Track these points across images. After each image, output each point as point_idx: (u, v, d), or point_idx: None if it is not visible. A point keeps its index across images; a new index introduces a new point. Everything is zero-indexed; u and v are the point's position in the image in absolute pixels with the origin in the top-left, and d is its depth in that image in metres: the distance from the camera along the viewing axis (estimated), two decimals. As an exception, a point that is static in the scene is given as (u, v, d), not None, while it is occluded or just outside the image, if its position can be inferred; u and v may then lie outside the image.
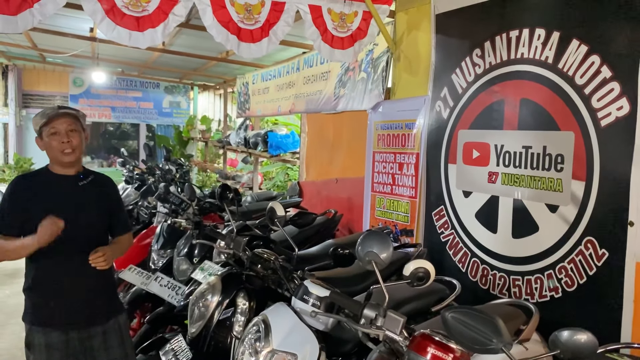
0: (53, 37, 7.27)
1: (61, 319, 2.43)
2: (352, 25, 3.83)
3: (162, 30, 3.37)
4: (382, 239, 1.80)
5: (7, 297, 5.69)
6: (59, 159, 2.46)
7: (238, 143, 8.69)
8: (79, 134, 2.50)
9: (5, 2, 3.02)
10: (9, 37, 7.87)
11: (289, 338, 2.03)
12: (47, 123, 2.44)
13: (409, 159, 3.78)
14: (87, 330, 2.47)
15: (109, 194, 2.65)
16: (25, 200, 2.43)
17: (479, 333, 1.38)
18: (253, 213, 5.12)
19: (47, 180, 2.50)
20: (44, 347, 2.41)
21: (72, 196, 2.49)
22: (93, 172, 2.66)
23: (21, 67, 12.15)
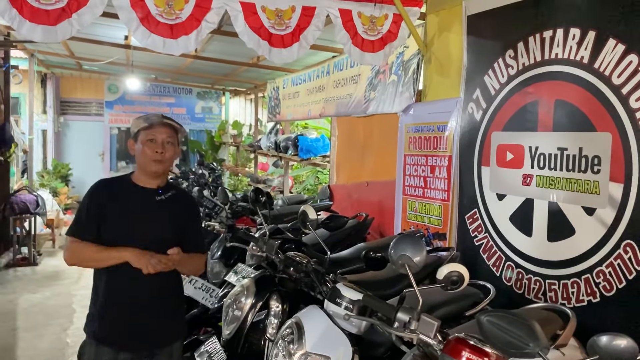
0: (89, 45, 7.48)
1: (113, 339, 2.37)
2: (383, 28, 3.83)
3: (195, 37, 3.43)
4: (416, 242, 1.79)
5: (47, 299, 5.86)
6: (147, 167, 2.40)
7: (269, 147, 8.76)
8: (174, 148, 2.43)
9: (45, 13, 3.12)
10: (48, 46, 8.13)
11: (322, 341, 2.04)
12: (147, 128, 2.39)
13: (441, 161, 3.76)
14: (139, 353, 2.40)
15: (185, 212, 2.52)
16: (102, 205, 2.38)
17: (516, 337, 1.37)
18: (284, 216, 5.15)
19: (127, 190, 2.44)
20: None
21: (147, 211, 2.41)
22: (175, 188, 2.58)
23: (59, 75, 12.52)
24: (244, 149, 11.64)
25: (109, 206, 2.38)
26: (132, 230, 2.36)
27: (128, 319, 2.37)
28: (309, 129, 9.27)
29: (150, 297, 2.37)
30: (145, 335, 2.39)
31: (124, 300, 2.37)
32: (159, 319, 2.41)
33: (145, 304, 2.37)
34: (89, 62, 9.80)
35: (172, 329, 2.49)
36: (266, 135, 9.29)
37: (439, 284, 1.88)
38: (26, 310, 5.48)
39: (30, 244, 7.36)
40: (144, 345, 2.40)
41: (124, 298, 2.37)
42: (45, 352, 4.44)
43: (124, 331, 2.36)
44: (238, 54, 7.42)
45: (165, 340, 2.45)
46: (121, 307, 2.37)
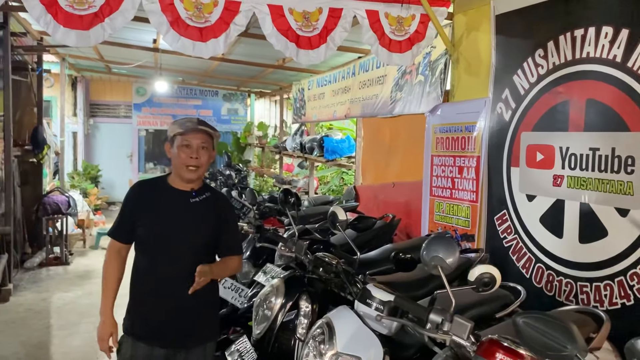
0: (119, 49, 7.62)
1: (151, 334, 2.43)
2: (410, 28, 3.82)
3: (224, 40, 3.47)
4: (448, 243, 1.79)
5: (79, 298, 5.99)
6: (182, 173, 2.43)
7: (294, 148, 8.80)
8: (208, 153, 2.46)
9: (79, 18, 3.20)
10: (79, 50, 8.32)
11: (352, 341, 2.05)
12: (183, 133, 2.41)
13: (470, 162, 3.73)
14: (173, 350, 2.45)
15: (221, 213, 2.53)
16: (138, 207, 2.46)
17: (552, 339, 1.36)
18: (310, 217, 5.18)
19: (162, 192, 2.48)
20: (128, 356, 2.44)
21: (181, 213, 2.44)
22: (210, 190, 2.60)
23: (89, 79, 12.78)
24: (269, 150, 11.71)
25: (145, 208, 2.45)
26: (166, 232, 2.42)
27: (162, 317, 2.42)
28: (334, 130, 9.28)
29: (185, 296, 2.39)
30: (179, 333, 2.43)
31: (158, 298, 2.42)
32: (193, 318, 2.45)
33: (180, 303, 2.41)
34: (118, 65, 9.98)
35: (205, 329, 2.52)
36: (291, 136, 9.34)
37: (470, 286, 1.87)
38: (59, 308, 5.61)
39: (62, 244, 7.53)
40: (177, 342, 2.44)
41: (159, 296, 2.42)
42: (78, 350, 4.53)
43: (158, 328, 2.42)
44: (264, 56, 7.47)
45: (198, 339, 2.49)
46: (156, 305, 2.42)
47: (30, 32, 7.10)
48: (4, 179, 6.08)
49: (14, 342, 4.66)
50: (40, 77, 7.95)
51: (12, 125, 6.20)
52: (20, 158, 7.02)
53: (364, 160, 6.54)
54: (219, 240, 2.49)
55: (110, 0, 3.21)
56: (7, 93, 6.01)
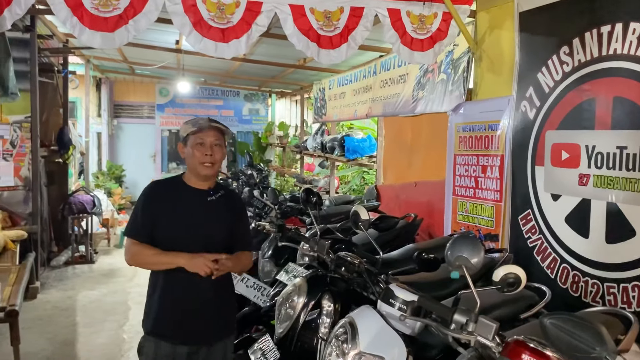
0: (142, 50, 7.73)
1: (173, 333, 2.45)
2: (432, 26, 3.79)
3: (246, 41, 3.49)
4: (473, 243, 1.77)
5: (104, 296, 6.08)
6: (197, 170, 2.47)
7: (315, 148, 8.81)
8: (222, 150, 2.51)
9: (104, 21, 3.25)
10: (103, 51, 8.44)
11: (376, 341, 2.05)
12: (196, 132, 2.47)
13: (493, 161, 3.69)
14: (195, 347, 2.48)
15: (234, 210, 2.59)
16: (155, 206, 2.48)
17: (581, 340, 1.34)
18: (331, 217, 5.18)
19: (179, 191, 2.52)
20: (151, 356, 2.46)
21: (199, 211, 2.48)
22: (223, 188, 2.65)
23: (113, 80, 12.97)
24: (290, 150, 11.74)
25: (162, 206, 2.48)
26: (184, 230, 2.45)
27: (183, 315, 2.44)
28: (355, 129, 9.27)
29: (204, 294, 2.44)
30: (200, 329, 2.47)
31: (178, 297, 2.44)
32: (213, 314, 2.49)
33: (199, 301, 2.45)
34: (141, 66, 10.10)
35: (224, 324, 2.57)
36: (312, 136, 9.35)
37: (494, 286, 1.85)
38: (85, 306, 5.70)
39: (87, 243, 7.65)
40: (199, 339, 2.47)
41: (178, 295, 2.45)
42: (103, 347, 4.60)
43: (179, 327, 2.45)
44: (285, 56, 7.50)
45: (219, 334, 2.53)
46: (176, 304, 2.44)
47: (56, 35, 7.22)
48: (31, 179, 6.20)
49: (41, 338, 4.75)
50: (66, 78, 8.09)
51: (39, 126, 6.32)
52: (47, 158, 7.15)
53: (385, 159, 6.52)
54: (233, 237, 2.55)
55: (134, 2, 3.25)
56: (34, 95, 6.12)
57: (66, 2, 3.16)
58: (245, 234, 2.65)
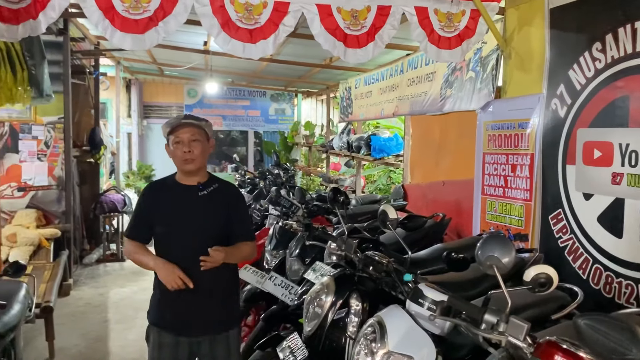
0: (171, 51, 7.84)
1: (172, 323, 2.57)
2: (460, 24, 3.75)
3: (273, 41, 3.51)
4: (504, 243, 1.75)
5: (135, 293, 6.20)
6: (181, 168, 2.59)
7: (341, 147, 8.81)
8: (201, 144, 2.57)
9: (134, 23, 3.31)
10: (133, 53, 8.59)
11: (404, 340, 2.04)
12: (171, 132, 2.58)
13: (523, 160, 3.64)
14: (196, 338, 2.57)
15: (230, 202, 2.64)
16: (149, 207, 2.62)
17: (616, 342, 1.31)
18: (358, 216, 5.17)
19: (171, 190, 2.63)
20: (157, 344, 2.59)
21: (190, 207, 2.56)
22: (217, 181, 2.70)
23: (142, 81, 13.18)
24: (316, 150, 11.76)
25: (156, 206, 2.60)
26: (177, 226, 2.54)
27: (183, 307, 2.54)
28: (381, 128, 9.24)
29: (204, 285, 2.52)
30: (200, 322, 2.56)
31: (177, 292, 2.51)
32: (213, 307, 2.58)
33: (199, 293, 2.52)
34: (170, 67, 10.25)
35: (226, 316, 2.66)
36: (338, 135, 9.35)
37: (525, 286, 1.83)
38: (116, 303, 5.82)
39: (118, 241, 7.81)
40: (200, 331, 2.57)
41: (165, 287, 2.51)
42: (134, 343, 4.69)
43: (180, 319, 2.55)
44: (311, 55, 7.51)
45: (220, 327, 2.61)
46: (176, 297, 2.52)
47: (87, 37, 7.38)
48: (64, 178, 6.36)
49: (74, 334, 4.87)
50: (97, 80, 8.26)
51: (72, 127, 6.48)
52: (79, 158, 7.32)
53: (412, 158, 6.48)
54: (231, 228, 2.61)
55: (163, 5, 3.29)
56: (67, 96, 6.28)
57: (98, 5, 3.23)
58: (243, 224, 2.71)
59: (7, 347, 3.07)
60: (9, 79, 4.35)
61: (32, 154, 6.31)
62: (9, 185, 6.19)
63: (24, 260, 5.24)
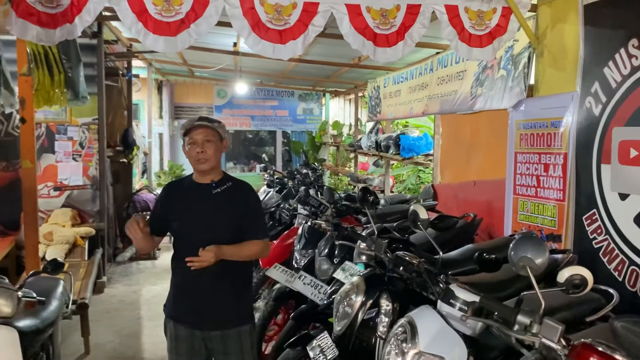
0: (201, 53, 7.94)
1: (186, 316, 2.67)
2: (491, 22, 3.71)
3: (303, 41, 3.53)
4: (538, 243, 1.73)
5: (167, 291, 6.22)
6: (195, 167, 2.71)
7: (369, 146, 8.79)
8: (214, 144, 2.68)
9: (167, 25, 3.37)
10: (164, 55, 8.73)
11: (436, 341, 2.04)
12: (186, 133, 2.69)
13: (556, 159, 3.58)
14: (208, 332, 2.66)
15: (243, 201, 2.73)
16: (167, 204, 2.75)
17: (655, 345, 1.29)
18: (387, 216, 5.16)
19: (188, 188, 2.76)
20: (174, 336, 2.71)
21: (203, 203, 2.67)
22: (232, 179, 2.80)
23: (173, 82, 13.39)
24: (344, 149, 11.76)
25: (174, 204, 2.72)
26: (189, 222, 2.65)
27: (196, 302, 2.65)
28: (410, 127, 9.18)
29: (214, 281, 2.62)
30: (212, 316, 2.64)
31: (191, 284, 2.66)
32: (224, 302, 2.66)
33: (210, 288, 2.63)
34: (200, 69, 10.38)
35: (237, 312, 2.72)
36: (366, 134, 9.33)
37: (559, 287, 1.81)
38: (148, 300, 5.93)
39: (150, 240, 7.94)
40: (211, 325, 2.65)
41: (190, 282, 2.65)
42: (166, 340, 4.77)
43: (193, 313, 2.65)
44: (339, 55, 7.52)
45: (231, 322, 2.68)
46: (189, 292, 2.66)
47: (120, 40, 7.54)
48: (98, 178, 6.51)
49: (108, 331, 4.98)
50: (130, 81, 8.43)
51: (105, 128, 6.62)
52: (112, 158, 7.47)
53: (442, 158, 6.43)
54: (243, 226, 2.68)
55: (195, 7, 3.35)
56: (101, 97, 6.43)
57: (132, 8, 3.30)
58: (255, 222, 2.75)
59: (46, 342, 3.16)
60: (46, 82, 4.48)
61: (67, 155, 6.47)
62: (46, 184, 6.36)
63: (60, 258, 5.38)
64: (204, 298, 2.64)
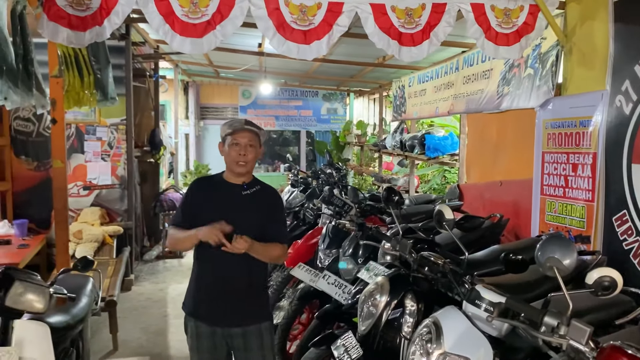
0: (227, 54, 8.01)
1: (207, 314, 2.69)
2: (518, 20, 3.66)
3: (327, 41, 3.54)
4: (566, 244, 1.71)
5: (192, 289, 6.37)
6: (232, 168, 2.73)
7: (394, 146, 8.74)
8: (255, 150, 2.74)
9: (193, 27, 3.41)
10: (190, 56, 8.84)
11: (461, 341, 2.02)
12: (231, 133, 2.72)
13: (585, 159, 3.52)
14: (229, 329, 2.69)
15: (269, 205, 2.79)
16: (197, 199, 2.77)
17: (687, 349, 1.26)
18: (412, 216, 5.13)
19: (218, 186, 2.79)
20: (195, 334, 2.72)
21: (234, 203, 2.71)
22: (260, 183, 2.85)
23: (199, 83, 13.54)
24: (368, 149, 11.73)
25: (201, 200, 2.74)
26: (217, 220, 2.59)
27: (215, 297, 2.67)
28: (436, 127, 9.10)
29: (234, 278, 2.67)
30: (233, 314, 2.67)
31: (210, 281, 2.70)
32: (245, 300, 2.69)
33: (233, 287, 2.66)
34: (225, 69, 10.47)
35: (256, 310, 2.75)
36: (391, 134, 9.28)
37: (588, 289, 1.78)
38: (174, 298, 6.01)
39: (176, 239, 8.04)
40: (232, 322, 2.68)
41: (210, 279, 2.69)
42: (189, 338, 4.83)
43: (214, 310, 2.67)
44: (364, 54, 7.50)
45: (251, 319, 2.71)
46: (209, 287, 2.69)
47: (147, 41, 7.66)
48: (126, 177, 6.62)
49: (136, 328, 5.07)
50: (157, 82, 8.55)
51: (133, 128, 6.73)
52: (140, 158, 7.59)
53: (468, 157, 6.37)
54: (267, 229, 2.71)
55: (221, 8, 3.38)
56: (129, 98, 6.54)
57: (159, 10, 3.35)
58: (279, 227, 2.80)
59: (76, 338, 3.23)
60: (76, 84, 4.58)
61: (96, 154, 6.60)
62: (75, 184, 6.50)
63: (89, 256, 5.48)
64: (225, 295, 2.67)
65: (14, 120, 6.02)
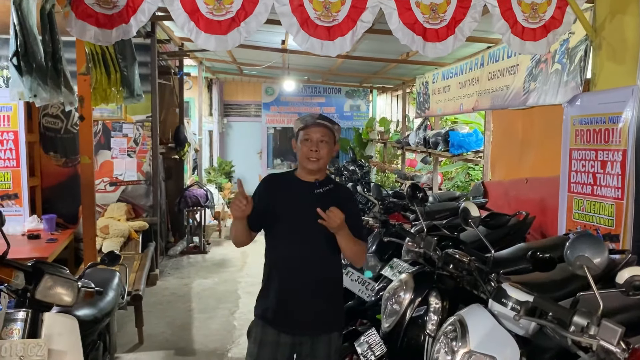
0: (250, 51, 8.05)
1: (277, 320, 2.54)
2: (545, 15, 3.60)
3: (351, 38, 3.53)
4: (596, 242, 1.68)
5: (217, 284, 6.44)
6: (304, 164, 2.59)
7: (417, 143, 8.69)
8: (328, 146, 2.57)
9: (218, 24, 3.43)
10: (214, 54, 8.90)
11: (487, 340, 2.00)
12: (303, 128, 2.59)
13: (614, 156, 3.44)
14: (298, 337, 2.55)
15: (342, 202, 2.55)
16: (268, 196, 2.63)
17: None
18: (436, 213, 5.10)
19: (290, 184, 2.64)
20: (258, 340, 2.58)
21: (306, 202, 2.54)
22: (333, 182, 2.72)
23: (222, 80, 13.64)
24: (391, 146, 11.67)
25: (273, 198, 2.61)
26: (288, 218, 2.56)
27: (289, 304, 2.53)
28: (460, 123, 9.01)
29: (310, 285, 2.52)
30: (305, 321, 2.54)
31: (286, 287, 2.53)
32: (318, 307, 2.54)
33: (306, 292, 2.52)
34: (249, 67, 10.52)
35: (330, 318, 2.60)
36: (414, 131, 9.23)
37: (618, 289, 1.74)
38: (199, 293, 6.07)
39: (200, 234, 8.13)
40: (303, 330, 2.55)
41: (285, 285, 2.54)
42: (216, 332, 4.88)
43: (284, 315, 2.54)
44: (387, 51, 7.46)
45: (323, 328, 2.57)
46: (283, 293, 2.54)
47: (172, 39, 7.73)
48: (151, 174, 6.70)
49: (161, 322, 5.13)
50: (181, 80, 8.63)
51: (158, 125, 6.81)
52: (165, 155, 7.67)
53: (493, 154, 6.29)
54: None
55: (245, 5, 3.39)
56: (154, 96, 6.61)
57: (184, 8, 3.37)
58: (355, 226, 2.61)
59: (103, 331, 3.28)
60: (103, 81, 4.64)
61: (122, 151, 6.69)
62: (102, 180, 6.60)
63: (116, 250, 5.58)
64: (299, 300, 2.54)
65: (43, 117, 6.14)
